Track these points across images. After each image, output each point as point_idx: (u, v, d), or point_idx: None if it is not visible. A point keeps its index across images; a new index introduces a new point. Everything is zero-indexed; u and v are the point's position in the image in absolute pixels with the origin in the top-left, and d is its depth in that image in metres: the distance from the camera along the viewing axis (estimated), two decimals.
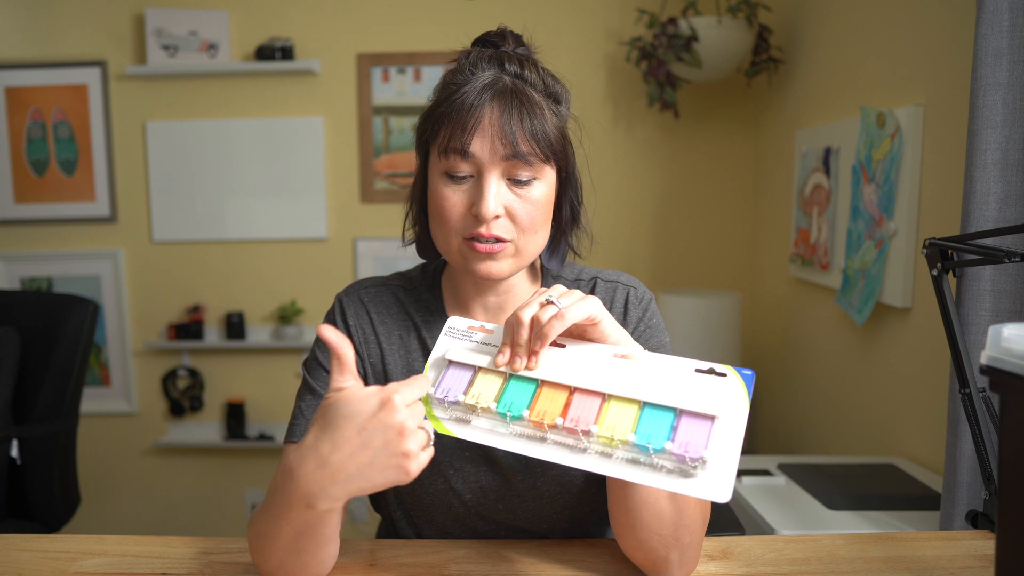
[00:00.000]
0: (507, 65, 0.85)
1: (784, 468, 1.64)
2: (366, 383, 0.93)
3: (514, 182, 0.83)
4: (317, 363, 0.92)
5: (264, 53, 2.60)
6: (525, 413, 0.71)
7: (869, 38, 1.84)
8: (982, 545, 0.91)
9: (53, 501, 1.96)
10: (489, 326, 0.79)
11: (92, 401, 2.79)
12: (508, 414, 0.72)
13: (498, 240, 0.83)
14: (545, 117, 0.83)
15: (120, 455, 2.88)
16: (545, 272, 0.97)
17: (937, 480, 1.52)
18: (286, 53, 2.60)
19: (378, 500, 0.99)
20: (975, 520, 1.07)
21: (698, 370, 0.72)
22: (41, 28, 2.70)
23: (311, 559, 0.77)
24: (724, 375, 0.71)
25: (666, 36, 2.30)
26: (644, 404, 0.70)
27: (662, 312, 2.36)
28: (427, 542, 0.91)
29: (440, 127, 0.83)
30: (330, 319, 0.96)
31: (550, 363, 0.74)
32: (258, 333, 2.78)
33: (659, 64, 2.35)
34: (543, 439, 0.71)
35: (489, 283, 0.92)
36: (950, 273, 1.10)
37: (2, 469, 1.86)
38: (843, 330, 1.97)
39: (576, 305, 0.71)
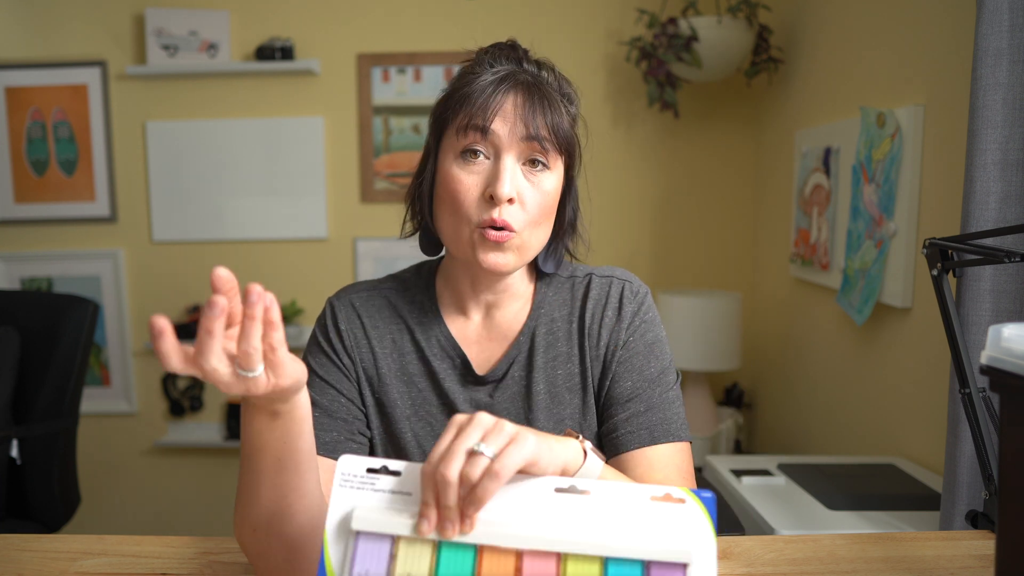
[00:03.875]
0: (525, 64, 0.89)
1: (784, 468, 1.64)
2: (359, 388, 0.94)
3: (529, 169, 0.85)
4: (309, 368, 0.92)
5: (264, 53, 2.60)
6: None
7: (869, 38, 1.84)
8: (982, 545, 0.91)
9: (53, 501, 1.96)
10: (394, 466, 0.64)
11: (92, 401, 2.79)
12: None
13: (507, 227, 0.84)
14: (561, 112, 0.86)
15: (120, 455, 2.88)
16: (540, 271, 0.97)
17: (937, 480, 1.52)
18: (286, 53, 2.60)
19: None
20: (975, 520, 1.07)
21: (654, 498, 0.63)
22: (41, 28, 2.70)
23: (297, 501, 0.72)
24: (683, 501, 0.63)
25: (666, 36, 2.30)
26: (607, 559, 0.61)
27: (662, 312, 2.36)
28: None
29: (461, 107, 0.85)
30: (322, 323, 0.96)
31: (485, 515, 0.61)
32: None
33: (659, 64, 2.35)
34: None
35: (489, 279, 0.91)
36: (950, 273, 1.10)
37: (2, 469, 1.86)
38: (843, 330, 1.97)
39: (510, 452, 0.60)
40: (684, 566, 0.60)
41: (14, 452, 1.88)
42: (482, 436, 0.61)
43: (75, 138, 2.72)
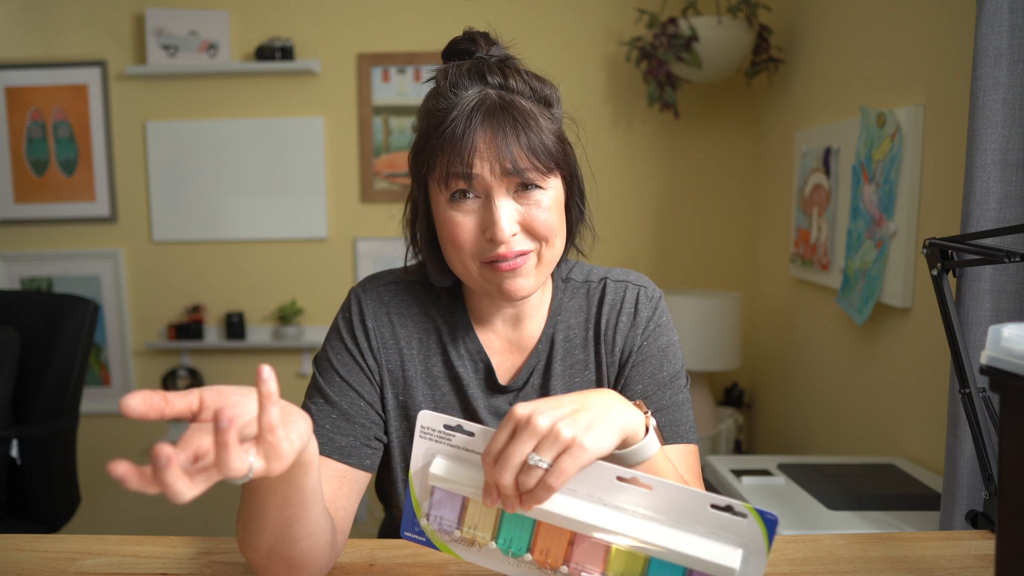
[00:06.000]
0: (489, 77, 0.82)
1: (784, 468, 1.64)
2: (381, 391, 0.91)
3: (522, 195, 0.82)
4: (330, 365, 0.90)
5: (264, 53, 2.60)
6: (528, 556, 0.67)
7: (869, 38, 1.84)
8: (982, 545, 0.91)
9: (53, 501, 1.96)
10: (468, 427, 0.68)
11: (92, 401, 2.79)
12: (510, 551, 0.68)
13: (519, 254, 0.82)
14: (540, 127, 0.81)
15: (120, 455, 2.87)
16: (555, 274, 0.97)
17: (937, 480, 1.52)
18: (286, 53, 2.60)
19: (388, 496, 0.99)
20: (975, 520, 1.07)
21: (714, 506, 0.63)
22: (41, 28, 2.70)
23: (300, 530, 0.70)
24: (744, 516, 0.61)
25: (666, 36, 2.30)
26: (651, 558, 0.64)
27: None
28: None
29: (436, 160, 0.81)
30: (347, 318, 0.92)
31: None
32: (258, 333, 2.78)
33: (659, 64, 2.35)
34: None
35: (511, 301, 0.89)
36: (950, 273, 1.10)
37: (2, 469, 1.86)
38: (843, 330, 1.97)
39: (564, 465, 0.61)
40: None
41: (14, 452, 1.88)
42: (536, 444, 0.62)
43: (75, 138, 2.72)
